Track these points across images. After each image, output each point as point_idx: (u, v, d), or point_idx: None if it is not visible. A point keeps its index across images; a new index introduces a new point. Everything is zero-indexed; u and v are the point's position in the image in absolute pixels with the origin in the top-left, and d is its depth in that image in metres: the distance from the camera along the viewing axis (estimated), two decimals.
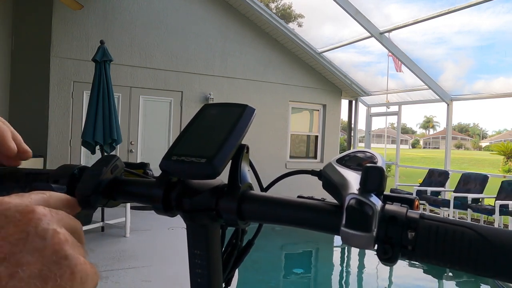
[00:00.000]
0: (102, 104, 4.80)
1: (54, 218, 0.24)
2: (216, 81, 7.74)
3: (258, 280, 4.44)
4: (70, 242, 0.23)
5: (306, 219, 0.34)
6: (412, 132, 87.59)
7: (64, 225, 0.24)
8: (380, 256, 0.29)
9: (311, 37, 8.35)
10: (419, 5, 6.46)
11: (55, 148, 6.43)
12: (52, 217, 0.24)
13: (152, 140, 7.22)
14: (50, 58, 6.34)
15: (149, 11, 7.07)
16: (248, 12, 7.80)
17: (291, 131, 8.75)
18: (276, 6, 24.85)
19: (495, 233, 0.27)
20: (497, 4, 5.75)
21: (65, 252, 0.22)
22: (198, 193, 0.37)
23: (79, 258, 0.23)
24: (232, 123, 0.38)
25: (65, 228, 0.24)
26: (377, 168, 0.31)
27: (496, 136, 67.49)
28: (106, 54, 4.86)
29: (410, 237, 0.29)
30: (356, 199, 0.30)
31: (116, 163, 0.41)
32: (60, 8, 6.32)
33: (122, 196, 0.41)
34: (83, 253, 0.24)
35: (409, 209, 0.30)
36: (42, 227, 0.23)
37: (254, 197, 0.36)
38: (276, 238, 6.18)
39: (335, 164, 0.38)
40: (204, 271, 0.39)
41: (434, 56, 7.45)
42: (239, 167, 0.38)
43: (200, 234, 0.39)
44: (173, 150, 0.37)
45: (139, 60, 7.00)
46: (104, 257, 4.06)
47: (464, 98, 7.84)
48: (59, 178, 0.40)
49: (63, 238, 0.23)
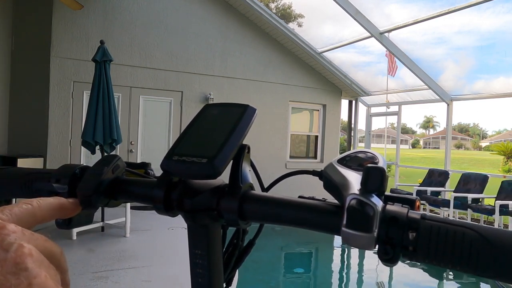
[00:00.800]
0: (102, 104, 4.80)
1: (24, 237, 0.24)
2: (216, 81, 7.74)
3: (258, 280, 4.44)
4: (35, 257, 0.22)
5: (307, 219, 0.34)
6: (412, 132, 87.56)
7: (37, 246, 0.24)
8: (381, 256, 0.29)
9: (311, 37, 8.35)
10: (419, 5, 6.46)
11: (55, 148, 6.42)
12: (23, 235, 0.24)
13: (152, 140, 7.22)
14: (50, 58, 6.33)
15: (149, 11, 7.07)
16: (248, 12, 7.79)
17: (291, 131, 8.75)
18: (276, 6, 24.84)
19: (496, 234, 0.27)
20: (497, 4, 5.75)
21: (26, 264, 0.22)
22: (199, 193, 0.37)
23: (41, 273, 0.22)
24: (233, 123, 0.38)
25: (40, 249, 0.24)
26: (378, 169, 0.31)
27: (496, 136, 67.46)
28: (106, 54, 4.86)
29: (411, 237, 0.29)
30: (357, 199, 0.30)
31: (117, 163, 0.41)
32: (60, 8, 6.32)
33: (123, 196, 0.41)
34: (53, 275, 0.23)
35: (410, 210, 0.30)
36: (8, 241, 0.23)
37: (255, 197, 0.36)
38: (276, 238, 6.18)
39: (336, 164, 0.38)
40: (205, 271, 0.39)
41: (434, 56, 7.45)
42: (240, 167, 0.38)
43: (201, 234, 0.39)
44: (174, 150, 0.37)
45: (139, 60, 7.00)
46: (104, 257, 4.06)
47: (464, 98, 7.84)
48: (61, 178, 0.40)
49: (27, 252, 0.22)
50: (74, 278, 3.47)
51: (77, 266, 3.75)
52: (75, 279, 3.45)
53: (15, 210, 0.28)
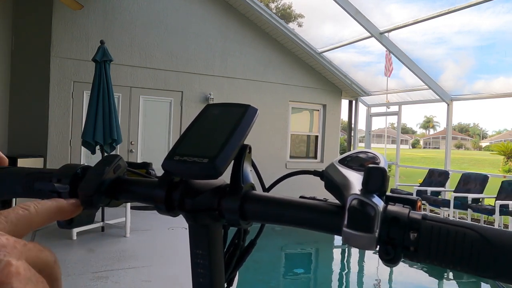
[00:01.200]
0: (102, 104, 4.80)
1: (15, 250, 0.23)
2: (216, 81, 7.74)
3: (259, 280, 4.44)
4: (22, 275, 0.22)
5: (308, 220, 0.34)
6: (412, 132, 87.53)
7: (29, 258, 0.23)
8: (382, 257, 0.29)
9: (311, 37, 8.35)
10: (419, 5, 6.46)
11: (55, 148, 6.42)
12: (13, 248, 0.23)
13: (152, 140, 7.22)
14: (50, 58, 6.33)
15: (149, 11, 7.07)
16: (248, 12, 7.79)
17: (291, 131, 8.75)
18: (276, 6, 24.83)
19: (497, 234, 0.27)
20: (497, 4, 5.75)
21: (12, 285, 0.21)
22: (200, 193, 0.37)
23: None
24: (235, 123, 0.38)
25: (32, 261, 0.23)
26: (379, 169, 0.31)
27: (496, 136, 67.44)
28: (106, 54, 4.86)
29: (412, 238, 0.29)
30: (358, 199, 0.30)
31: (118, 162, 0.41)
32: (60, 8, 6.32)
33: (124, 196, 0.41)
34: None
35: (411, 210, 0.30)
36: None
37: (256, 197, 0.36)
38: (276, 238, 6.18)
39: (337, 164, 0.38)
40: (206, 271, 0.39)
41: (434, 56, 7.45)
42: (242, 167, 0.38)
43: (202, 234, 0.39)
44: (175, 150, 0.37)
45: (139, 60, 7.00)
46: (104, 257, 4.06)
47: (464, 98, 7.84)
48: (62, 178, 0.40)
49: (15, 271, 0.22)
50: (74, 278, 3.47)
51: (77, 266, 3.75)
52: (75, 279, 3.45)
53: (11, 216, 0.27)
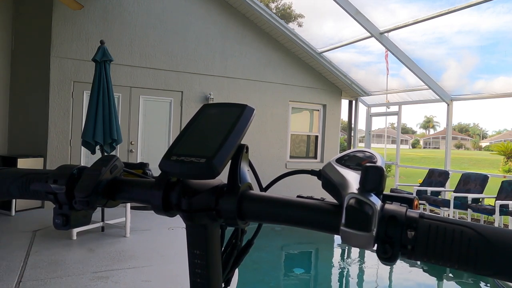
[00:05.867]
0: (102, 104, 4.80)
1: None
2: (216, 81, 7.74)
3: (258, 280, 4.44)
4: None
5: (306, 219, 0.34)
6: (412, 132, 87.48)
7: None
8: (380, 255, 0.29)
9: (311, 37, 8.35)
10: (419, 5, 6.46)
11: (55, 148, 6.42)
12: None
13: (152, 140, 7.22)
14: (50, 58, 6.33)
15: (149, 11, 7.07)
16: (248, 12, 7.79)
17: (291, 131, 8.75)
18: (276, 6, 24.83)
19: (494, 232, 0.27)
20: (497, 4, 5.75)
21: None
22: (198, 193, 0.37)
23: None
24: (232, 123, 0.38)
25: None
26: (377, 168, 0.31)
27: (496, 136, 67.40)
28: (106, 54, 4.86)
29: (409, 236, 0.29)
30: (355, 198, 0.30)
31: (115, 163, 0.41)
32: (60, 8, 6.32)
33: (121, 196, 0.41)
34: None
35: (409, 209, 0.30)
36: None
37: (253, 197, 0.36)
38: (276, 238, 6.18)
39: (335, 163, 0.38)
40: (203, 271, 0.39)
41: (434, 56, 7.45)
42: (239, 167, 0.38)
43: (199, 234, 0.39)
44: (172, 150, 0.37)
45: (139, 60, 7.00)
46: (104, 257, 4.06)
47: (464, 98, 7.83)
48: (58, 178, 0.40)
49: None
50: (74, 278, 3.47)
51: (77, 266, 3.75)
52: (75, 279, 3.45)
53: None
